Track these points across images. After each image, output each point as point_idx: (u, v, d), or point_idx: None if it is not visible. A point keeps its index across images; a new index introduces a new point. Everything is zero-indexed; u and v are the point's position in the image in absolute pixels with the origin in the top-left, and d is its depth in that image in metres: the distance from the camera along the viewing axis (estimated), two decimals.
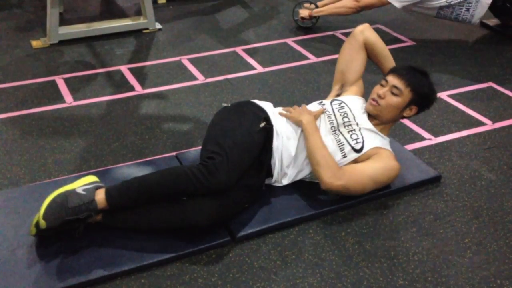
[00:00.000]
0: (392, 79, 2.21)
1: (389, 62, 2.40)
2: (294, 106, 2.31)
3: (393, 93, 2.19)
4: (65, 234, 1.91)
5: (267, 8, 4.40)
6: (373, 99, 2.23)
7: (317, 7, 3.92)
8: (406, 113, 2.25)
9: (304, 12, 3.90)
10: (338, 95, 2.43)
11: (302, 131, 2.19)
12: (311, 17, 3.90)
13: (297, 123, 2.20)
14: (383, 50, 2.40)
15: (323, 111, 2.26)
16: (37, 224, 1.84)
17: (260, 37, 3.84)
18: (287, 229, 2.07)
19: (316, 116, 2.23)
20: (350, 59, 2.41)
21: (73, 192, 1.87)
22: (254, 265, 1.91)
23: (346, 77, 2.41)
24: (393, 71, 2.27)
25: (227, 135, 2.05)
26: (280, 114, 2.26)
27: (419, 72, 2.25)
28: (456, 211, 2.22)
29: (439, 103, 3.02)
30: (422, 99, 2.23)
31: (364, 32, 2.38)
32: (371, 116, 2.26)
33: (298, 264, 1.93)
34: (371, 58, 2.43)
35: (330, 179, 2.06)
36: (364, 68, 2.43)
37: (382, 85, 2.24)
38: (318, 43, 3.76)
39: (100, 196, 1.88)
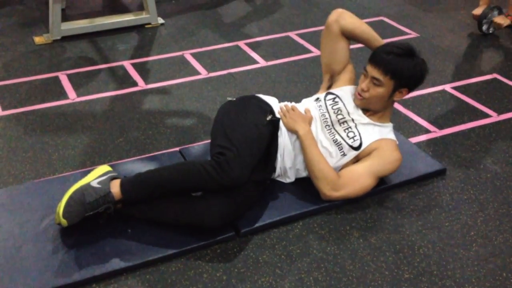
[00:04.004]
0: (371, 70, 2.10)
1: (375, 41, 2.23)
2: (286, 104, 2.27)
3: (375, 84, 2.11)
4: (70, 230, 1.91)
5: (269, 1, 4.38)
6: (358, 93, 2.16)
7: (502, 13, 3.68)
8: (397, 96, 2.16)
9: (504, 20, 3.62)
10: (330, 86, 2.37)
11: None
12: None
13: (293, 132, 2.15)
14: (364, 33, 2.24)
15: (312, 117, 2.20)
16: (59, 223, 1.87)
17: (263, 31, 3.82)
18: (291, 224, 2.07)
19: (310, 122, 2.19)
20: (331, 50, 2.32)
21: (88, 186, 1.89)
22: (259, 260, 1.91)
23: (333, 68, 2.34)
24: (371, 58, 2.13)
25: (235, 129, 2.04)
26: (279, 113, 2.22)
27: (398, 54, 2.08)
28: (461, 204, 2.21)
29: (443, 96, 3.01)
30: (407, 81, 2.11)
31: (339, 21, 2.25)
32: (364, 108, 2.21)
33: (303, 259, 1.92)
34: (355, 41, 2.31)
35: (329, 191, 2.08)
36: (348, 54, 2.33)
37: (364, 75, 2.15)
38: (320, 36, 3.74)
39: (116, 189, 1.91)
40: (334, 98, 2.24)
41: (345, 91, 2.27)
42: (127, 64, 3.33)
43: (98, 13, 4.02)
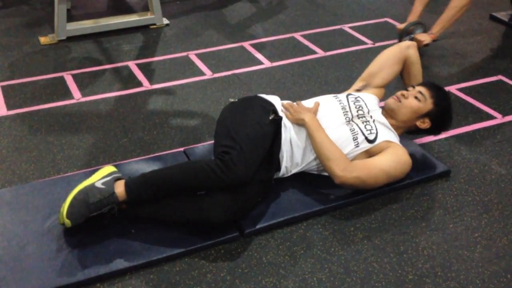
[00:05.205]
0: (420, 87, 2.30)
1: (419, 81, 2.46)
2: (290, 103, 2.29)
3: (416, 98, 2.26)
4: (73, 230, 1.92)
5: (274, 2, 4.39)
6: (396, 96, 2.29)
7: (425, 30, 3.48)
8: (419, 122, 2.30)
9: (425, 37, 3.36)
10: (358, 91, 2.44)
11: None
12: (434, 40, 3.44)
13: (299, 122, 2.18)
14: (418, 70, 2.47)
15: (318, 105, 2.26)
16: (63, 223, 1.89)
17: (268, 32, 3.83)
18: (295, 224, 2.07)
19: (315, 111, 2.23)
20: (385, 65, 2.45)
21: (92, 187, 1.90)
22: (263, 260, 1.91)
23: (373, 80, 2.45)
24: (423, 83, 2.36)
25: (239, 128, 2.05)
26: (282, 111, 2.25)
27: (445, 93, 2.34)
28: (465, 205, 2.20)
29: None
30: (439, 115, 2.30)
31: (410, 49, 2.44)
32: (385, 115, 2.30)
33: (307, 259, 1.92)
34: (402, 74, 2.50)
35: (343, 172, 2.06)
36: (392, 79, 2.48)
37: (407, 90, 2.32)
38: (325, 37, 3.75)
39: (120, 189, 1.92)
40: (356, 97, 2.32)
41: (368, 96, 2.36)
42: (132, 64, 3.34)
43: (103, 14, 4.03)
